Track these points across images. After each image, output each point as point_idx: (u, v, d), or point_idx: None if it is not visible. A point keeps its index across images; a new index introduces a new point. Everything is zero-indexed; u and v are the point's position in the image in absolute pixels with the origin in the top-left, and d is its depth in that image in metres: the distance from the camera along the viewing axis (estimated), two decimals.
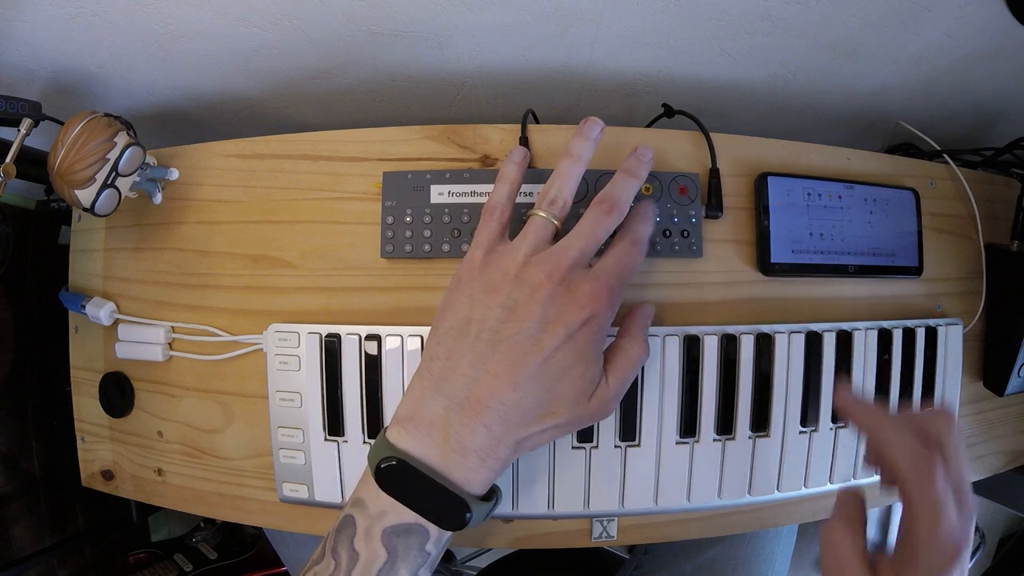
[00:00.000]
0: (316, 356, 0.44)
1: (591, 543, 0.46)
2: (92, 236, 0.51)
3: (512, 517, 0.45)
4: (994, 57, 0.52)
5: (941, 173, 0.53)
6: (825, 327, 0.46)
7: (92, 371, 0.51)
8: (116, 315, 0.49)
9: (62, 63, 0.49)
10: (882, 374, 0.47)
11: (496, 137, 0.46)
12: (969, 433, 0.53)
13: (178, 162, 0.48)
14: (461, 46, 0.51)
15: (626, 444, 0.44)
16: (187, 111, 0.61)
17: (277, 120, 0.64)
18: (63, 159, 0.39)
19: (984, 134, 0.69)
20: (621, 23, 0.48)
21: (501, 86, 0.59)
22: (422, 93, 0.60)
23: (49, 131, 0.41)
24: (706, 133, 0.46)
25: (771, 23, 0.48)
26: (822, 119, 0.67)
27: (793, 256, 0.46)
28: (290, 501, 0.45)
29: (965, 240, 0.53)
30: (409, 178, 0.44)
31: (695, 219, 0.45)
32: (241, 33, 0.47)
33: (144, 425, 0.50)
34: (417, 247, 0.44)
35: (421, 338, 0.43)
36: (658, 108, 0.53)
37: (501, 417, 0.32)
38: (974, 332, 0.53)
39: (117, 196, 0.42)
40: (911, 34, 0.49)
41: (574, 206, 0.38)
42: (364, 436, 0.44)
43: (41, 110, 0.42)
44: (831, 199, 0.48)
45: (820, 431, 0.46)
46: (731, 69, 0.56)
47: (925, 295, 0.51)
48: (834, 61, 0.54)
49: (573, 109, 0.65)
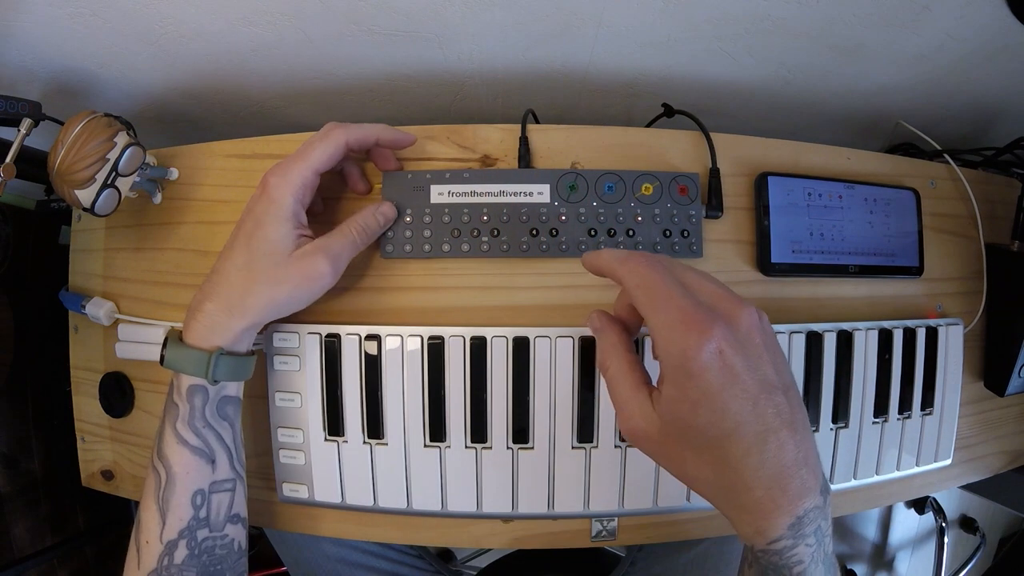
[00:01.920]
0: (316, 356, 0.44)
1: (591, 543, 0.46)
2: (92, 236, 0.51)
3: (512, 517, 0.45)
4: (994, 56, 0.52)
5: (941, 173, 0.53)
6: (826, 327, 0.46)
7: (92, 371, 0.51)
8: (116, 315, 0.49)
9: (62, 63, 0.49)
10: (883, 374, 0.47)
11: (496, 137, 0.46)
12: (969, 433, 0.53)
13: (178, 162, 0.48)
14: (461, 46, 0.51)
15: (626, 444, 0.44)
16: (187, 111, 0.61)
17: (277, 120, 0.64)
18: (63, 159, 0.39)
19: (985, 134, 0.69)
20: (621, 23, 0.48)
21: (501, 86, 0.59)
22: (422, 93, 0.60)
23: (49, 131, 0.41)
24: (706, 133, 0.46)
25: (771, 23, 0.48)
26: (822, 119, 0.67)
27: (793, 256, 0.46)
28: (290, 501, 0.45)
29: (966, 240, 0.53)
30: (409, 178, 0.44)
31: (695, 219, 0.45)
32: (241, 33, 0.47)
33: (144, 425, 0.50)
34: (417, 247, 0.44)
35: (421, 338, 0.43)
36: (658, 108, 0.53)
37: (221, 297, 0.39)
38: (975, 332, 0.53)
39: (117, 196, 0.42)
40: (911, 34, 0.49)
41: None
42: (364, 436, 0.44)
43: (41, 110, 0.42)
44: (831, 199, 0.48)
45: (820, 431, 0.46)
46: (731, 69, 0.56)
47: (926, 295, 0.51)
48: (834, 61, 0.54)
49: (573, 109, 0.65)
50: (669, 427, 0.30)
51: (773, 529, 0.29)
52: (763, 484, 0.29)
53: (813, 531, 0.30)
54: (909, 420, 0.49)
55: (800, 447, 0.29)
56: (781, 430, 0.29)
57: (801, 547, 0.30)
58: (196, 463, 0.37)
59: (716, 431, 0.29)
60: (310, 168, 0.38)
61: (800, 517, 0.29)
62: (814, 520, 0.30)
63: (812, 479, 0.30)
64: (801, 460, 0.29)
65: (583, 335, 0.43)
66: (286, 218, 0.38)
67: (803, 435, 0.30)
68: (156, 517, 0.37)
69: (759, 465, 0.29)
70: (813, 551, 0.30)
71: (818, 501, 0.30)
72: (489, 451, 0.43)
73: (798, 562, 0.30)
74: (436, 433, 0.43)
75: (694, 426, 0.29)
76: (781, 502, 0.29)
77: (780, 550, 0.30)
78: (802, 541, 0.30)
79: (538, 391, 0.43)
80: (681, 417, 0.29)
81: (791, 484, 0.29)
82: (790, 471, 0.29)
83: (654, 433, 0.31)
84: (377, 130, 0.41)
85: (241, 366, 0.39)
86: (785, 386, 0.30)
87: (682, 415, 0.29)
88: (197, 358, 0.37)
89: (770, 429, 0.29)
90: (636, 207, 0.44)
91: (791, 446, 0.29)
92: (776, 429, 0.29)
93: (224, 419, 0.39)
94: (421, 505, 0.44)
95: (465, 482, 0.44)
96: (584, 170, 0.45)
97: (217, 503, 0.38)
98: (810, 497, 0.29)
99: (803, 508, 0.29)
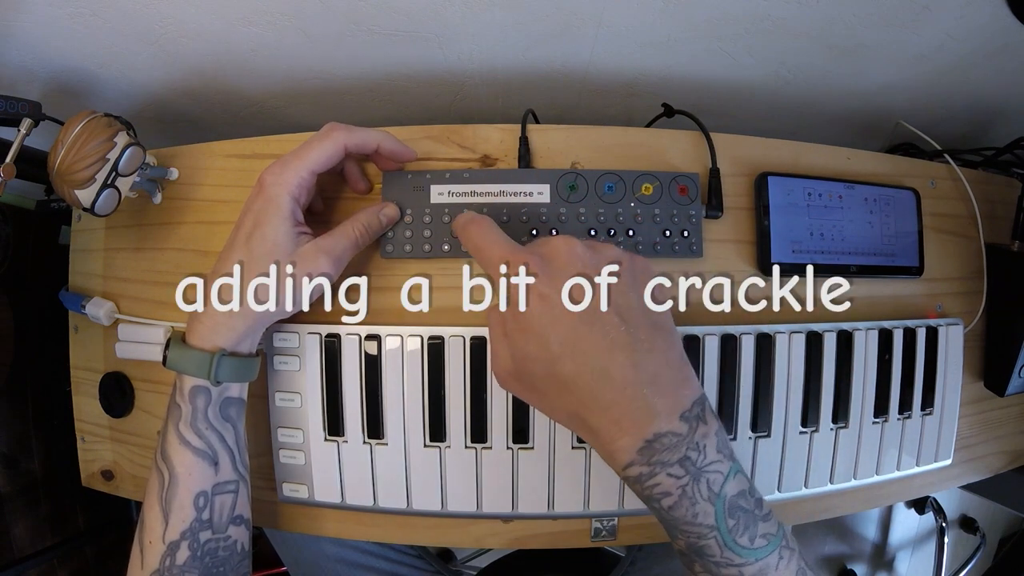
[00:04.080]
0: (316, 356, 0.44)
1: (591, 543, 0.46)
2: (92, 236, 0.51)
3: (512, 517, 0.45)
4: (995, 56, 0.52)
5: (942, 173, 0.53)
6: (826, 327, 0.46)
7: (92, 371, 0.51)
8: (116, 315, 0.49)
9: (62, 63, 0.49)
10: (883, 374, 0.47)
11: (496, 137, 0.46)
12: (969, 433, 0.53)
13: (178, 162, 0.48)
14: (461, 46, 0.51)
15: None
16: (187, 111, 0.61)
17: (277, 120, 0.64)
18: (63, 159, 0.39)
19: (985, 133, 0.69)
20: (621, 23, 0.48)
21: (501, 86, 0.59)
22: (422, 93, 0.60)
23: (49, 131, 0.41)
24: (706, 133, 0.46)
25: (771, 23, 0.48)
26: (822, 119, 0.67)
27: (793, 256, 0.46)
28: (290, 501, 0.45)
29: (966, 240, 0.53)
30: (409, 178, 0.44)
31: (695, 219, 0.45)
32: (241, 33, 0.47)
33: (144, 425, 0.50)
34: (417, 247, 0.44)
35: (421, 338, 0.43)
36: (658, 108, 0.53)
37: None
38: (975, 332, 0.53)
39: (117, 196, 0.42)
40: (911, 34, 0.49)
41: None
42: (364, 436, 0.44)
43: (41, 110, 0.42)
44: (831, 199, 0.48)
45: (821, 431, 0.46)
46: (731, 69, 0.56)
47: (926, 295, 0.51)
48: (834, 61, 0.54)
49: (573, 109, 0.65)
50: (518, 364, 0.32)
51: (621, 452, 0.29)
52: (600, 406, 0.29)
53: (678, 460, 0.29)
54: (909, 420, 0.49)
55: (641, 368, 0.29)
56: (613, 351, 0.29)
57: (662, 476, 0.29)
58: (198, 464, 0.37)
59: (544, 357, 0.30)
60: (307, 168, 0.38)
61: (649, 441, 0.28)
62: (673, 447, 0.29)
63: (664, 403, 0.29)
64: (644, 381, 0.29)
65: None
66: (284, 217, 0.38)
67: (645, 356, 0.29)
68: (159, 517, 0.37)
69: (591, 386, 0.29)
70: (684, 484, 0.29)
71: (675, 427, 0.29)
72: (489, 451, 0.43)
73: (664, 493, 0.29)
74: (436, 433, 0.43)
75: (529, 357, 0.31)
76: (624, 424, 0.29)
77: (637, 477, 0.29)
78: (662, 470, 0.29)
79: None
80: (519, 351, 0.31)
81: (632, 405, 0.29)
82: (628, 392, 0.29)
83: (511, 371, 0.32)
84: (379, 138, 0.41)
85: (244, 367, 0.39)
86: (621, 308, 0.30)
87: (519, 349, 0.31)
88: (199, 359, 0.37)
89: (597, 350, 0.29)
90: (636, 207, 0.44)
91: (626, 366, 0.29)
92: (606, 350, 0.29)
93: (227, 420, 0.39)
94: (421, 505, 0.44)
95: (465, 482, 0.44)
96: (584, 170, 0.45)
97: (220, 504, 0.38)
98: (660, 421, 0.29)
99: (651, 432, 0.29)
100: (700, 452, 0.29)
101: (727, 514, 0.29)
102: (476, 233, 0.35)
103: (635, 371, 0.29)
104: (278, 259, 0.37)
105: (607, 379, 0.29)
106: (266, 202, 0.37)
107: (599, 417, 0.29)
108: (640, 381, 0.29)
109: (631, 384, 0.29)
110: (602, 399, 0.29)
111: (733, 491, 0.30)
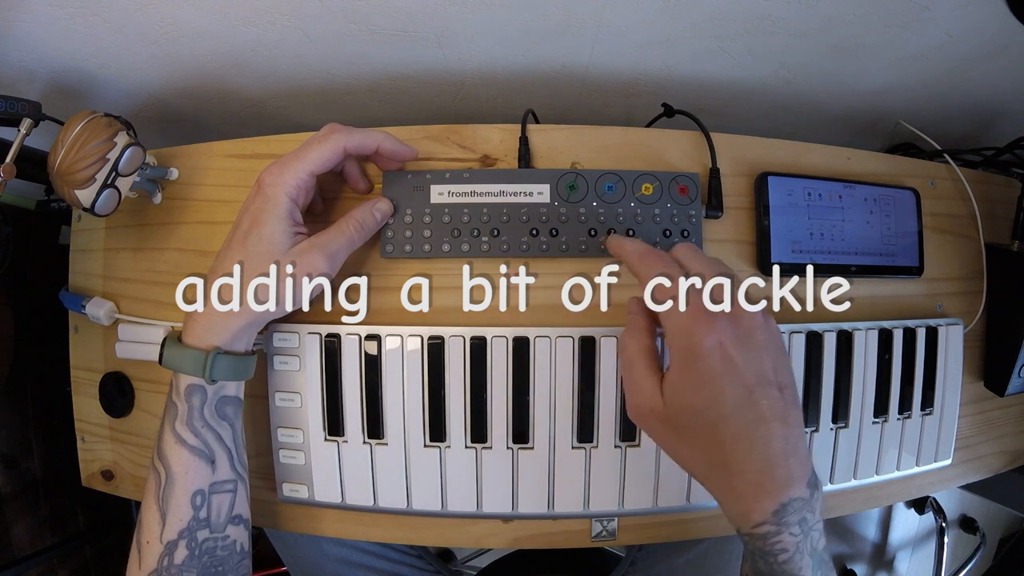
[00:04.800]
0: (316, 356, 0.44)
1: (591, 543, 0.46)
2: (92, 236, 0.51)
3: (512, 517, 0.45)
4: (994, 56, 0.52)
5: (941, 173, 0.53)
6: (826, 327, 0.46)
7: (92, 371, 0.51)
8: (116, 315, 0.49)
9: (62, 63, 0.49)
10: (883, 374, 0.47)
11: (496, 137, 0.46)
12: (969, 433, 0.53)
13: (178, 162, 0.48)
14: (461, 46, 0.51)
15: (626, 444, 0.44)
16: (187, 111, 0.61)
17: (277, 120, 0.64)
18: (63, 159, 0.39)
19: (984, 133, 0.69)
20: (621, 22, 0.48)
21: (501, 86, 0.59)
22: (422, 93, 0.60)
23: (49, 131, 0.41)
24: (706, 133, 0.46)
25: (771, 23, 0.48)
26: (822, 119, 0.67)
27: (793, 256, 0.46)
28: (290, 501, 0.45)
29: (965, 240, 0.53)
30: (409, 178, 0.44)
31: (695, 219, 0.45)
32: (241, 33, 0.47)
33: (144, 425, 0.50)
34: (417, 247, 0.44)
35: (421, 338, 0.43)
36: (658, 108, 0.53)
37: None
38: (975, 332, 0.53)
39: (117, 196, 0.42)
40: (911, 34, 0.49)
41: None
42: (364, 436, 0.44)
43: (41, 110, 0.42)
44: (831, 199, 0.48)
45: (820, 431, 0.46)
46: (731, 69, 0.56)
47: (925, 295, 0.51)
48: (834, 61, 0.54)
49: (573, 109, 0.65)
50: (671, 407, 0.33)
51: (757, 513, 0.31)
52: (751, 468, 0.31)
53: (797, 521, 0.31)
54: (909, 420, 0.49)
55: (789, 440, 0.32)
56: (772, 421, 0.31)
57: (785, 535, 0.31)
58: (195, 463, 0.37)
59: (713, 414, 0.32)
60: (306, 170, 0.38)
61: (784, 504, 0.31)
62: (798, 510, 0.31)
63: (799, 471, 0.32)
64: (789, 451, 0.31)
65: (583, 335, 0.43)
66: (282, 217, 0.38)
67: (793, 430, 0.32)
68: (156, 517, 0.37)
69: (748, 450, 0.31)
70: (798, 541, 0.31)
71: (803, 493, 0.31)
72: (489, 451, 0.43)
73: (782, 550, 0.31)
74: (436, 433, 0.43)
75: (694, 407, 0.32)
76: (768, 487, 0.31)
77: (764, 535, 0.32)
78: (786, 529, 0.31)
79: (538, 391, 0.43)
80: (683, 398, 0.33)
81: (777, 472, 0.31)
82: (777, 460, 0.31)
83: (658, 412, 0.34)
84: (378, 139, 0.41)
85: (240, 366, 0.39)
86: (781, 383, 0.33)
87: (684, 396, 0.33)
88: (194, 357, 0.37)
89: (762, 418, 0.31)
90: (636, 207, 0.44)
91: (780, 437, 0.31)
92: (767, 419, 0.31)
93: (223, 419, 0.39)
94: (421, 505, 0.44)
95: (465, 482, 0.44)
96: (584, 170, 0.45)
97: (218, 504, 0.38)
98: (795, 487, 0.31)
99: (788, 496, 0.31)
100: (813, 513, 0.32)
101: (817, 566, 0.33)
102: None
103: (786, 443, 0.32)
104: (277, 259, 0.37)
105: (764, 447, 0.31)
106: (264, 202, 0.38)
107: (740, 478, 0.32)
108: (787, 452, 0.32)
109: (780, 454, 0.31)
110: (752, 463, 0.31)
111: (822, 545, 0.33)
